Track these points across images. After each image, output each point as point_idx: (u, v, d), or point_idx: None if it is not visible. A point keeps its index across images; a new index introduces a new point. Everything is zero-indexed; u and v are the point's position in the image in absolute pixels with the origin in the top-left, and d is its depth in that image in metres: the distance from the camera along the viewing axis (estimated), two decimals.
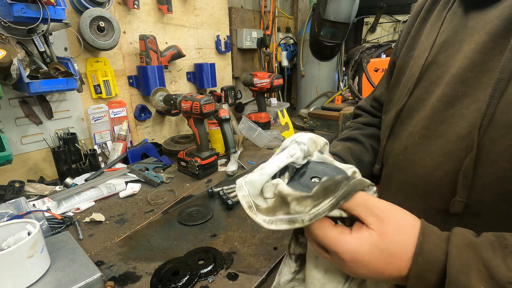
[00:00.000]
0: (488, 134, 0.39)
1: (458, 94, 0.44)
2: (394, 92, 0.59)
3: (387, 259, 0.34)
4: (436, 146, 0.45)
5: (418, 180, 0.48)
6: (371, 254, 0.34)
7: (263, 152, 1.44)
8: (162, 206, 0.97)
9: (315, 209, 0.35)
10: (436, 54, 0.50)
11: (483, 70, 0.42)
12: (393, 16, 2.47)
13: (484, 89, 0.41)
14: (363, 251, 0.34)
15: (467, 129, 0.41)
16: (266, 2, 2.08)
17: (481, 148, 0.39)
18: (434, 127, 0.46)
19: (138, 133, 1.46)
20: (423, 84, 0.51)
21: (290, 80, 2.50)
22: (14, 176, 1.07)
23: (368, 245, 0.34)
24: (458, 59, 0.45)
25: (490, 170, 0.39)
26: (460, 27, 0.47)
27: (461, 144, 0.42)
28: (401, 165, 0.52)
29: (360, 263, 0.34)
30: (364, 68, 1.82)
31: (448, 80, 0.46)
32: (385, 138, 0.57)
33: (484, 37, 0.42)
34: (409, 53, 0.57)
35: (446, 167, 0.43)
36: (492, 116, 0.38)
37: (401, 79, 0.57)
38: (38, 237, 0.60)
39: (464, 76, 0.43)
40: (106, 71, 1.26)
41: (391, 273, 0.34)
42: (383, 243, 0.34)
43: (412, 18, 0.61)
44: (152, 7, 1.40)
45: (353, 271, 0.35)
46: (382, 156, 0.59)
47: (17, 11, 0.84)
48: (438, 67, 0.49)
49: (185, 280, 0.64)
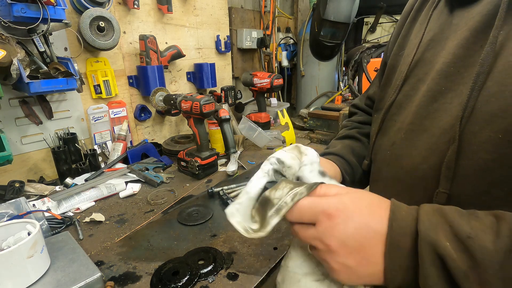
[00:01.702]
0: (469, 126, 0.40)
1: (441, 89, 0.45)
2: (385, 90, 0.60)
3: (369, 207, 0.38)
4: (421, 141, 0.47)
5: (404, 174, 0.49)
6: (353, 203, 0.38)
7: (263, 152, 1.44)
8: (162, 206, 0.97)
9: (293, 190, 0.40)
10: (423, 52, 0.51)
11: (465, 65, 0.43)
12: (393, 16, 2.47)
13: (465, 83, 0.42)
14: (346, 202, 0.38)
15: (450, 123, 0.42)
16: (266, 2, 2.08)
17: (462, 140, 0.40)
18: (419, 122, 0.48)
19: (138, 133, 1.46)
20: (410, 81, 0.52)
21: (290, 80, 2.50)
22: (14, 176, 1.08)
23: (349, 198, 0.38)
24: (442, 55, 0.47)
25: (471, 161, 0.40)
26: (446, 25, 0.49)
27: (444, 138, 0.43)
28: (389, 161, 0.53)
29: (345, 214, 0.37)
30: (364, 68, 1.82)
31: (433, 76, 0.47)
32: (374, 134, 0.58)
33: (466, 33, 0.44)
34: (399, 52, 0.58)
35: (430, 160, 0.44)
36: (472, 109, 0.40)
37: (392, 77, 0.58)
38: (38, 237, 0.60)
39: (448, 71, 0.45)
40: (106, 71, 1.26)
41: (375, 225, 0.36)
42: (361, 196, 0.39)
43: (402, 18, 0.62)
44: (152, 7, 1.40)
45: (342, 230, 0.36)
46: (371, 152, 0.60)
47: (17, 11, 0.84)
48: (425, 64, 0.50)
49: (185, 280, 0.64)
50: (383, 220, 0.36)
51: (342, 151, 0.66)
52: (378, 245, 0.36)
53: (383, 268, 0.36)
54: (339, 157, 0.65)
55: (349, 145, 0.68)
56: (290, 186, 0.41)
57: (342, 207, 0.37)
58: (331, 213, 0.37)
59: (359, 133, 0.72)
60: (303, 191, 0.39)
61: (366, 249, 0.36)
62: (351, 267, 0.37)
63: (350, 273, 0.37)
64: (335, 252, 0.37)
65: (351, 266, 0.37)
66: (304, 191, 0.39)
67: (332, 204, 0.37)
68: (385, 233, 0.36)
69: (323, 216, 0.37)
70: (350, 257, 0.37)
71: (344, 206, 0.37)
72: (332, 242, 0.37)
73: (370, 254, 0.36)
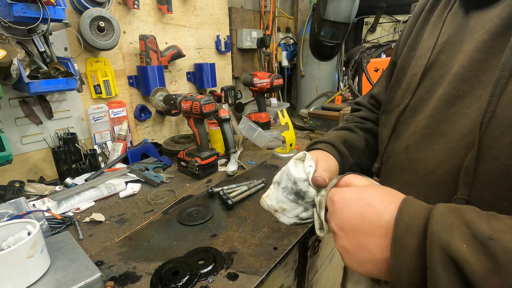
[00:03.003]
0: (489, 131, 0.39)
1: (459, 93, 0.44)
2: (395, 91, 0.59)
3: (368, 200, 0.40)
4: (438, 145, 0.46)
5: (420, 179, 0.48)
6: (353, 194, 0.42)
7: (263, 152, 1.44)
8: (162, 206, 0.97)
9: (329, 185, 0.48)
10: (438, 54, 0.50)
11: (483, 69, 0.42)
12: (393, 16, 2.46)
13: (484, 88, 0.41)
14: (347, 191, 0.43)
15: (469, 127, 0.42)
16: (266, 2, 2.08)
17: (482, 146, 0.39)
18: (436, 126, 0.47)
19: (138, 133, 1.46)
20: (425, 84, 0.51)
21: (290, 80, 2.50)
22: (14, 176, 1.07)
23: (353, 188, 0.43)
24: (459, 58, 0.46)
25: (491, 167, 0.39)
26: (461, 27, 0.48)
27: (462, 143, 0.42)
28: (403, 165, 0.52)
29: (344, 201, 0.42)
30: (364, 68, 1.82)
31: (449, 79, 0.46)
32: (386, 138, 0.57)
33: (483, 36, 0.43)
34: (410, 53, 0.57)
35: (448, 165, 0.44)
36: (493, 114, 0.39)
37: (403, 79, 0.57)
38: (38, 237, 0.60)
39: (465, 75, 0.44)
40: (106, 71, 1.26)
41: (371, 217, 0.38)
42: (366, 189, 0.42)
43: (413, 19, 0.61)
44: (152, 7, 1.40)
45: (339, 214, 0.42)
46: (382, 155, 0.59)
47: (17, 11, 0.84)
48: (440, 67, 0.49)
49: (185, 280, 0.64)
50: (380, 215, 0.38)
51: (334, 139, 0.65)
52: (374, 236, 0.38)
53: (390, 266, 0.36)
54: (330, 145, 0.63)
55: (343, 135, 0.67)
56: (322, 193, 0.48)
57: (343, 195, 0.42)
58: (334, 199, 0.43)
59: (358, 127, 0.71)
60: (334, 181, 0.48)
61: (360, 236, 0.39)
62: (349, 250, 0.41)
63: (350, 256, 0.41)
64: (336, 235, 0.42)
65: (348, 249, 0.41)
66: (334, 181, 0.48)
67: (338, 193, 0.43)
68: (386, 227, 0.37)
69: (330, 202, 0.44)
70: (347, 240, 0.41)
71: (347, 195, 0.42)
72: (333, 225, 0.43)
73: (365, 242, 0.39)
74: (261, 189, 1.06)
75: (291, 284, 0.96)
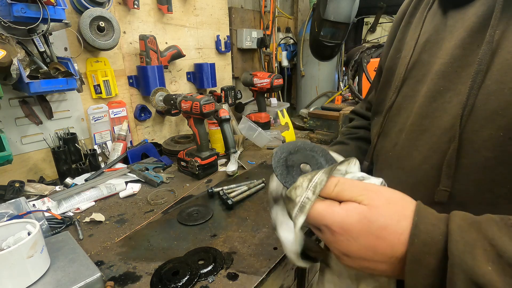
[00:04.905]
0: (470, 125, 0.40)
1: (440, 89, 0.45)
2: (384, 93, 0.60)
3: (377, 232, 0.34)
4: (422, 141, 0.47)
5: (406, 175, 0.49)
6: (360, 224, 0.34)
7: (263, 152, 1.44)
8: (162, 206, 0.97)
9: (312, 182, 0.37)
10: (420, 53, 0.51)
11: (462, 65, 0.43)
12: (393, 16, 2.47)
13: (464, 83, 0.42)
14: (351, 221, 0.34)
15: (450, 122, 0.42)
16: (266, 2, 2.08)
17: (463, 139, 0.40)
18: (420, 122, 0.48)
19: (138, 133, 1.46)
20: (409, 83, 0.52)
21: (290, 80, 2.50)
22: (14, 176, 1.07)
23: (357, 215, 0.34)
24: (440, 56, 0.47)
25: (472, 160, 0.40)
26: (441, 26, 0.49)
27: (445, 137, 0.43)
28: (391, 162, 0.53)
29: (349, 235, 0.34)
30: (364, 68, 1.82)
31: (431, 76, 0.47)
32: (375, 137, 0.59)
33: (462, 33, 0.44)
34: (397, 55, 0.59)
35: (432, 160, 0.45)
36: (472, 107, 0.40)
37: (391, 80, 0.59)
38: (38, 237, 0.60)
39: (446, 72, 0.45)
40: (106, 71, 1.26)
41: (384, 250, 0.34)
42: (372, 215, 0.34)
43: (396, 23, 0.63)
44: (152, 7, 1.40)
45: (344, 247, 0.36)
46: (372, 154, 0.61)
47: (17, 11, 0.84)
48: (422, 65, 0.50)
49: (185, 280, 0.64)
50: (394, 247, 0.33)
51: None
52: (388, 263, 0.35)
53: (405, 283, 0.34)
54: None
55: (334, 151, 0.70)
56: (308, 178, 0.38)
57: (347, 227, 0.35)
58: (335, 230, 0.35)
59: (349, 138, 0.74)
60: (323, 177, 0.37)
61: (370, 263, 0.36)
62: (355, 268, 0.38)
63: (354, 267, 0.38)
64: (339, 257, 0.38)
65: (355, 267, 0.38)
66: (323, 178, 0.37)
67: (337, 221, 0.35)
68: (401, 251, 0.33)
69: (326, 229, 0.37)
70: (354, 263, 0.37)
71: (349, 227, 0.34)
72: (335, 251, 0.38)
73: (376, 267, 0.36)
74: (261, 189, 1.06)
75: (291, 284, 0.96)
